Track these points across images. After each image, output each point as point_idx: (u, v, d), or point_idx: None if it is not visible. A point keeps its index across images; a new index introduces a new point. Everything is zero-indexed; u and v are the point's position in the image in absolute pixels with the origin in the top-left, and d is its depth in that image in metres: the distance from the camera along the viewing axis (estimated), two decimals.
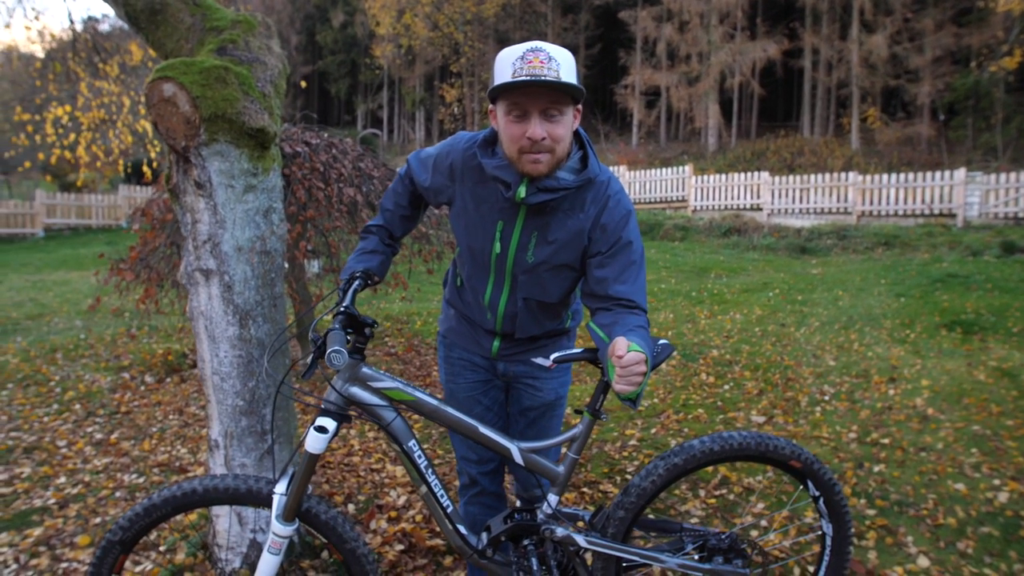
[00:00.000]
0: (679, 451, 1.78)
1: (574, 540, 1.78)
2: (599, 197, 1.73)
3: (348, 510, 2.96)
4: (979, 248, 10.76)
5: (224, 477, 1.70)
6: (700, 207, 16.45)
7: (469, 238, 1.83)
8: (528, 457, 1.77)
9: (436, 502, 1.78)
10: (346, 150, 4.88)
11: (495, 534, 1.82)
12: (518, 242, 1.76)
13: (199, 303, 2.32)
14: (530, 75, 1.54)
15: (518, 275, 1.81)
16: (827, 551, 1.91)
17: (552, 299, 1.85)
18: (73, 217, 17.69)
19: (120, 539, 1.67)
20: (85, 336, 6.62)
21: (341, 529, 1.73)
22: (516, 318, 1.88)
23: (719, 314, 7.15)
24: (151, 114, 2.21)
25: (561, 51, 1.60)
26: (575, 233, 1.73)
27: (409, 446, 1.75)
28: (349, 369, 1.71)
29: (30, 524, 2.94)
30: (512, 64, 1.57)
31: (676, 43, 24.62)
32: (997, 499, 2.99)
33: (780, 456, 1.80)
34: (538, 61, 1.55)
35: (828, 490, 1.85)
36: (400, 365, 5.45)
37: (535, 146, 1.61)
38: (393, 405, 1.73)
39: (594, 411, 1.76)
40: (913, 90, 21.45)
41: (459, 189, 1.82)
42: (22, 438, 4.00)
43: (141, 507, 1.66)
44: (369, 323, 1.70)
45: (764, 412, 4.22)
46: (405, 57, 32.47)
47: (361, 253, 1.96)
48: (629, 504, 1.78)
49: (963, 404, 4.23)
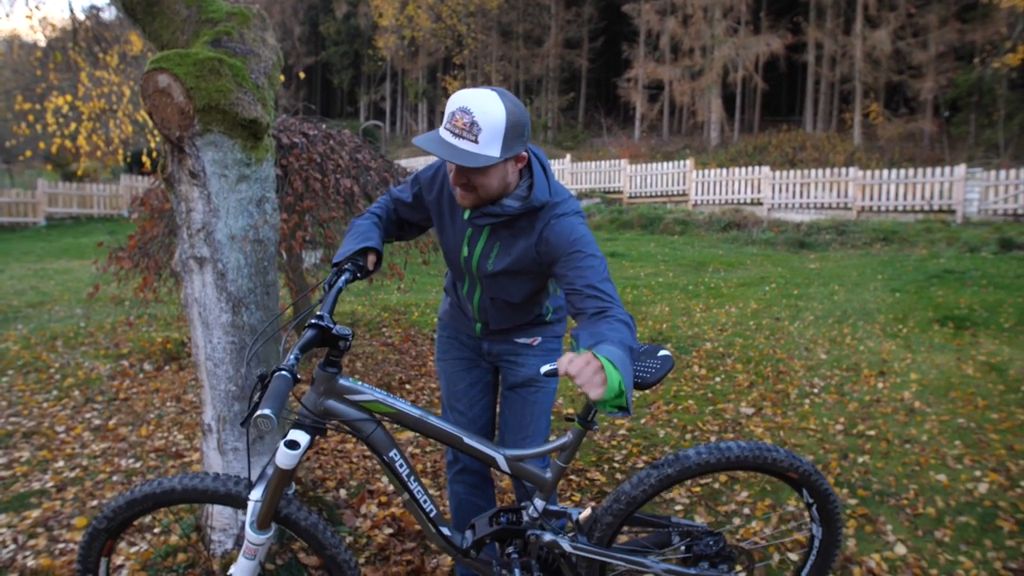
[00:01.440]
0: (673, 461, 1.76)
1: (559, 545, 1.78)
2: (544, 217, 1.78)
3: (340, 495, 3.02)
4: (977, 244, 10.79)
5: (204, 477, 1.69)
6: (701, 201, 16.46)
7: (444, 241, 1.98)
8: (514, 465, 1.77)
9: (419, 508, 1.78)
10: (343, 141, 4.92)
11: (480, 536, 1.82)
12: (482, 250, 1.88)
13: (193, 290, 2.37)
14: (442, 143, 1.59)
15: (482, 278, 1.93)
16: (814, 552, 1.93)
17: (516, 300, 1.95)
18: (75, 206, 17.75)
19: (106, 527, 1.71)
20: (85, 324, 6.69)
21: (321, 536, 1.71)
22: (488, 312, 2.01)
23: (714, 308, 7.19)
24: (146, 105, 2.26)
25: (491, 111, 1.58)
26: (525, 248, 1.81)
27: (390, 456, 1.74)
28: (325, 382, 1.66)
29: (28, 506, 3.00)
30: (445, 116, 1.63)
31: (679, 37, 24.56)
32: (977, 490, 3.04)
33: (778, 468, 1.79)
34: (461, 123, 1.58)
35: (823, 499, 1.85)
36: (396, 355, 5.50)
37: (460, 186, 1.72)
38: (373, 417, 1.71)
39: (585, 421, 1.73)
40: (916, 86, 21.39)
41: (442, 195, 1.94)
42: (21, 423, 4.06)
43: (124, 500, 1.69)
44: (344, 335, 1.62)
45: (753, 404, 4.27)
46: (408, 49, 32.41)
47: (356, 235, 1.89)
48: (618, 511, 1.77)
49: (950, 397, 4.28)
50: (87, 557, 1.74)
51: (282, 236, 4.14)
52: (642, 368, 1.72)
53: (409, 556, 2.55)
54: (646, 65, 25.59)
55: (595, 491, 3.11)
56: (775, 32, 23.72)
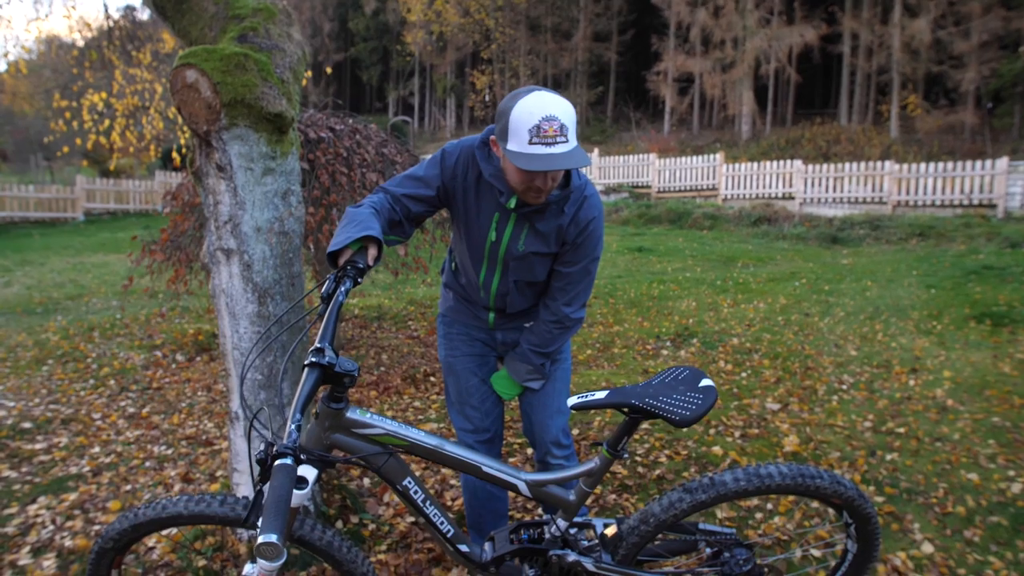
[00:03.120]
0: (708, 486, 1.66)
1: (583, 565, 1.75)
2: (577, 199, 1.91)
3: (364, 483, 3.07)
4: (1019, 240, 10.48)
5: (211, 502, 1.61)
6: (731, 196, 16.26)
7: (467, 227, 1.96)
8: (536, 491, 1.73)
9: (436, 530, 1.74)
10: (370, 136, 4.96)
11: (500, 553, 1.79)
12: (511, 233, 1.91)
13: (220, 281, 2.43)
14: (546, 156, 1.62)
15: (509, 261, 1.95)
16: (845, 565, 1.88)
17: (539, 278, 2.01)
18: (112, 202, 18.22)
19: (112, 547, 1.69)
20: (120, 316, 6.86)
21: (337, 554, 1.65)
22: (507, 296, 2.04)
23: (742, 303, 7.11)
24: (175, 100, 2.31)
25: (566, 108, 1.66)
26: (557, 227, 1.91)
27: (404, 484, 1.68)
28: (331, 417, 1.57)
29: (66, 489, 3.11)
30: (528, 132, 1.62)
31: (710, 28, 24.25)
32: (1010, 490, 2.97)
33: (821, 495, 1.69)
34: (552, 131, 1.62)
35: (864, 521, 1.78)
36: (422, 348, 5.55)
37: (539, 192, 1.78)
38: (387, 448, 1.64)
39: (614, 451, 1.68)
40: (957, 76, 20.80)
41: (462, 182, 1.92)
42: (60, 410, 4.19)
43: (128, 523, 1.65)
44: (349, 371, 1.50)
45: (780, 400, 4.22)
46: (436, 44, 32.53)
47: (355, 221, 1.71)
48: (644, 532, 1.72)
49: (984, 396, 4.18)
50: (96, 573, 1.72)
51: (309, 229, 4.20)
52: (681, 402, 1.61)
53: (430, 544, 2.58)
54: (676, 58, 25.32)
55: (616, 484, 3.10)
56: (809, 22, 23.28)
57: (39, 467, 3.37)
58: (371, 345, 5.65)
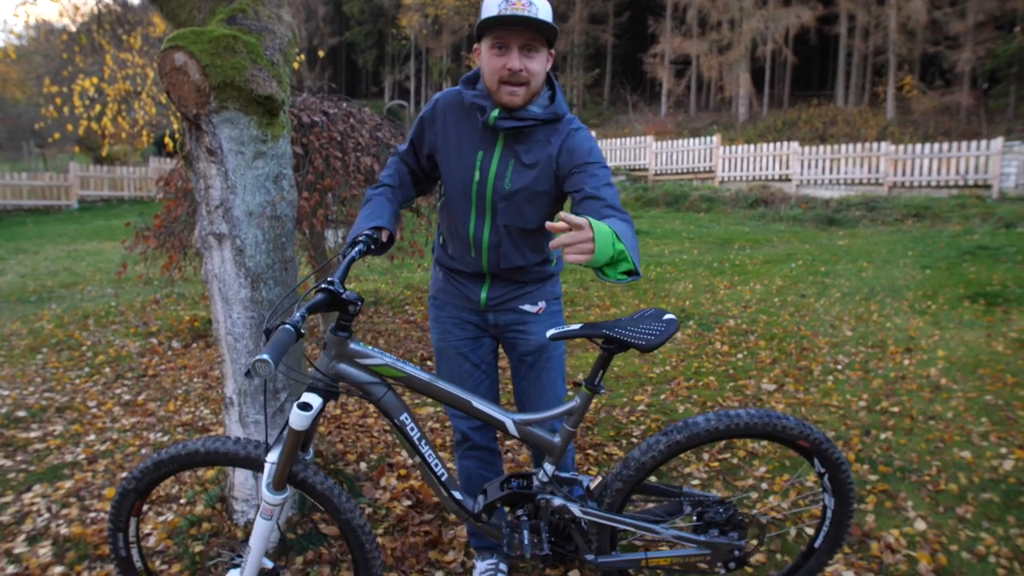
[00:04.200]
0: (682, 427, 1.76)
1: (569, 510, 1.79)
2: (563, 129, 1.91)
3: (360, 468, 3.07)
4: (1013, 220, 10.49)
5: (225, 441, 1.76)
6: (727, 178, 16.23)
7: (451, 171, 1.96)
8: (523, 429, 1.79)
9: (430, 471, 1.80)
10: (364, 120, 4.93)
11: (491, 499, 1.85)
12: (496, 170, 1.90)
13: (213, 266, 2.41)
14: (512, 14, 1.73)
15: (497, 203, 1.92)
16: (827, 522, 1.92)
17: (531, 225, 1.95)
18: (106, 189, 18.10)
19: (134, 487, 1.80)
20: (115, 303, 6.85)
21: (336, 500, 1.74)
22: (500, 248, 1.96)
23: (739, 284, 7.12)
24: (164, 83, 2.29)
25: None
26: (546, 160, 1.89)
27: (401, 420, 1.77)
28: (336, 346, 1.70)
29: (61, 477, 3.11)
30: (497, 5, 1.75)
31: (707, 10, 24.09)
32: (1002, 467, 2.99)
33: (788, 435, 1.77)
34: (520, 4, 1.74)
35: (835, 468, 1.83)
36: (419, 332, 5.55)
37: (513, 77, 1.79)
38: (384, 380, 1.74)
39: (592, 386, 1.75)
40: (953, 57, 20.75)
41: (442, 129, 1.98)
42: (55, 399, 4.19)
43: (151, 461, 1.77)
44: (353, 300, 1.66)
45: (775, 380, 4.23)
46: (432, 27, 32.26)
47: (368, 213, 1.93)
48: (627, 476, 1.78)
49: (978, 374, 4.20)
50: (118, 516, 1.83)
51: (303, 214, 4.18)
52: (647, 331, 1.72)
53: (427, 527, 2.59)
54: (672, 40, 25.17)
55: (613, 465, 3.12)
56: (806, 3, 23.14)
57: (34, 455, 3.37)
58: (368, 330, 5.65)
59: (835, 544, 1.94)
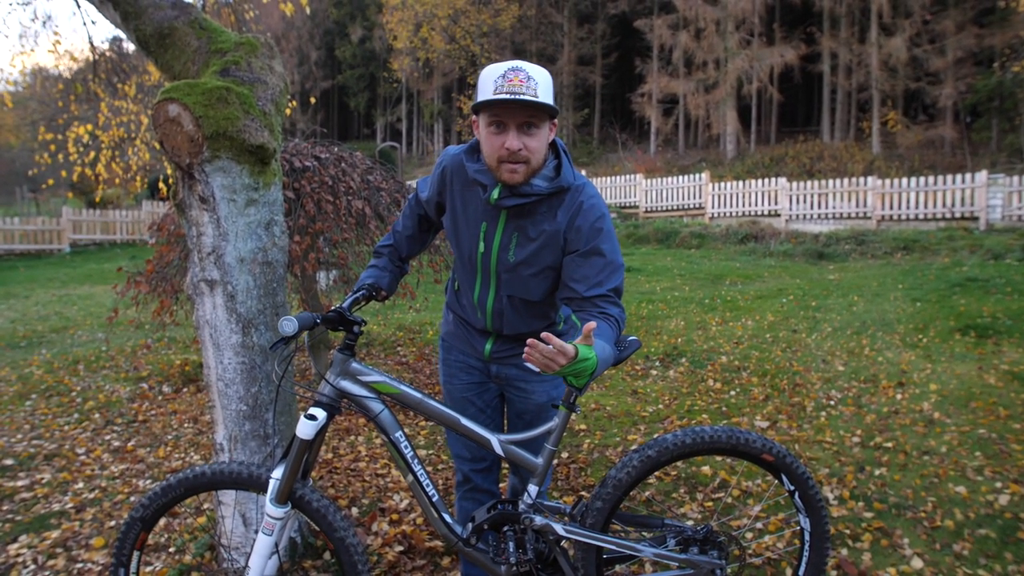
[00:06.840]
0: (653, 444, 1.85)
1: (553, 529, 1.84)
2: (572, 203, 1.84)
3: (352, 513, 3.04)
4: (1001, 251, 10.60)
5: (230, 464, 1.88)
6: (717, 214, 16.40)
7: (458, 238, 1.96)
8: (508, 448, 1.85)
9: (422, 491, 1.88)
10: (355, 163, 4.99)
11: (479, 523, 1.91)
12: (500, 242, 1.88)
13: (204, 312, 2.42)
14: (509, 93, 1.67)
15: (501, 273, 1.91)
16: (806, 547, 1.95)
17: (535, 298, 1.93)
18: (98, 233, 18.13)
19: (141, 516, 1.85)
20: (106, 348, 6.81)
21: (332, 518, 1.83)
22: (503, 315, 1.97)
23: (731, 321, 7.14)
24: (158, 133, 2.33)
25: (540, 71, 1.73)
26: (551, 235, 1.84)
27: (396, 437, 1.87)
28: (340, 364, 1.85)
29: (48, 527, 3.06)
30: (494, 82, 1.70)
31: (692, 50, 24.60)
32: (997, 502, 2.98)
33: (751, 450, 1.85)
34: (518, 80, 1.68)
35: (802, 484, 1.89)
36: (410, 374, 5.53)
37: (512, 156, 1.74)
38: (380, 398, 1.86)
39: (569, 404, 1.81)
40: (934, 92, 21.18)
41: (449, 193, 1.96)
42: (43, 446, 4.14)
43: (160, 487, 1.85)
44: (357, 322, 1.86)
45: (768, 417, 4.23)
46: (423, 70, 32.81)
47: (372, 269, 2.11)
48: (606, 495, 1.84)
49: (970, 408, 4.21)
50: (122, 549, 1.87)
51: (295, 257, 4.20)
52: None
53: (419, 574, 2.55)
54: (660, 79, 25.65)
55: None
56: (789, 43, 23.67)
57: (21, 504, 3.32)
58: None
59: (817, 571, 1.95)
